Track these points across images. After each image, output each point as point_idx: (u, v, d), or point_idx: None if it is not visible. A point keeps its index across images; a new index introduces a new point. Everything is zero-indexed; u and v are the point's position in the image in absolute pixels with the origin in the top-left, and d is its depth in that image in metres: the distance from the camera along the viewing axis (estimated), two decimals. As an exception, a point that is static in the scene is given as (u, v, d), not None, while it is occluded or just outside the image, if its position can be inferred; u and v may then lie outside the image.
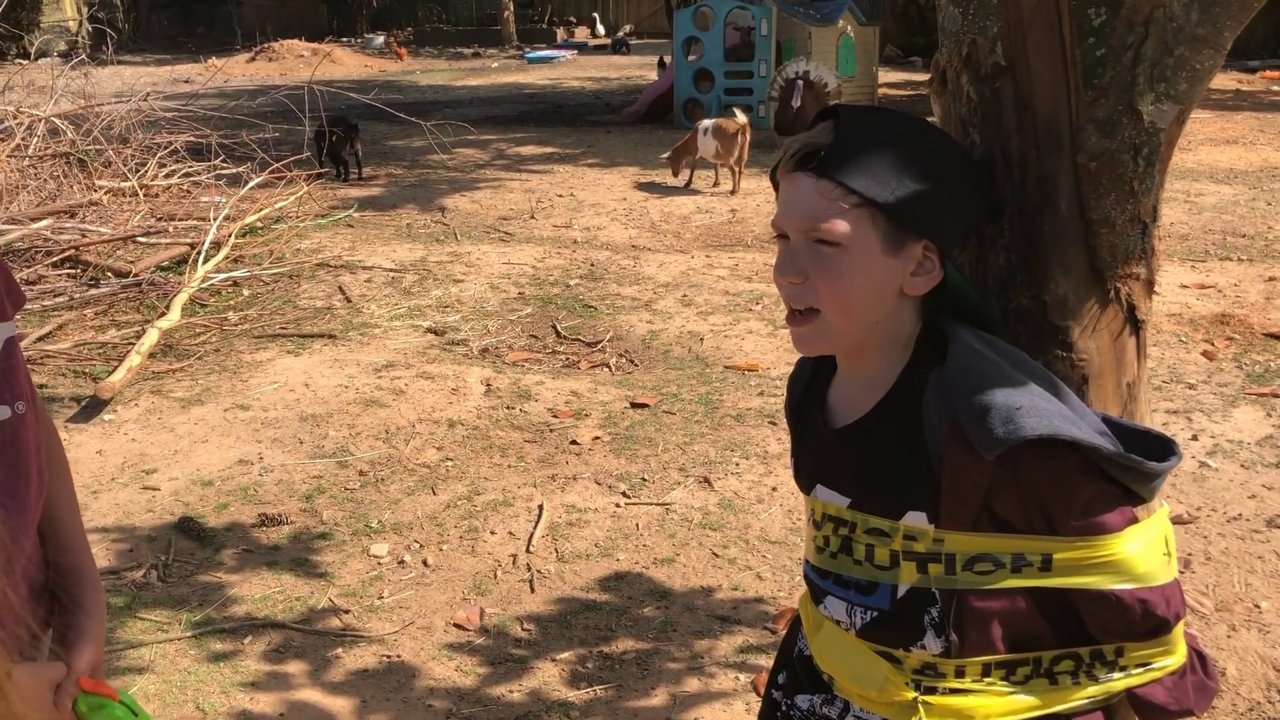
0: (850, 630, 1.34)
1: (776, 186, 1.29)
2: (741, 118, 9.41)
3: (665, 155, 9.97)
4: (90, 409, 4.65)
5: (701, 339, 5.68)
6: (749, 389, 4.98)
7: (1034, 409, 1.15)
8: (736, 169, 9.50)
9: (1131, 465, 1.19)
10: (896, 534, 1.26)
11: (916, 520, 1.25)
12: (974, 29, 1.29)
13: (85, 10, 24.61)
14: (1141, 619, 1.23)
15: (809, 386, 1.41)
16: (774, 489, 4.02)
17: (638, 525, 3.81)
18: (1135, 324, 1.31)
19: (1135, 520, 1.23)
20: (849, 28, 14.16)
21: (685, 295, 6.48)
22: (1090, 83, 1.24)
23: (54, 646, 1.24)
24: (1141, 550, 1.22)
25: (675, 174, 9.80)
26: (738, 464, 4.23)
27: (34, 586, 1.28)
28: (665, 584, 3.46)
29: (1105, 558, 1.20)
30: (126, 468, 4.18)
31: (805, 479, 1.41)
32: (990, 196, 1.31)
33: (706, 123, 9.52)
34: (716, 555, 3.62)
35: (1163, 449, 1.23)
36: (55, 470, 1.37)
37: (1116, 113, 1.23)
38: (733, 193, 9.52)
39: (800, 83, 11.36)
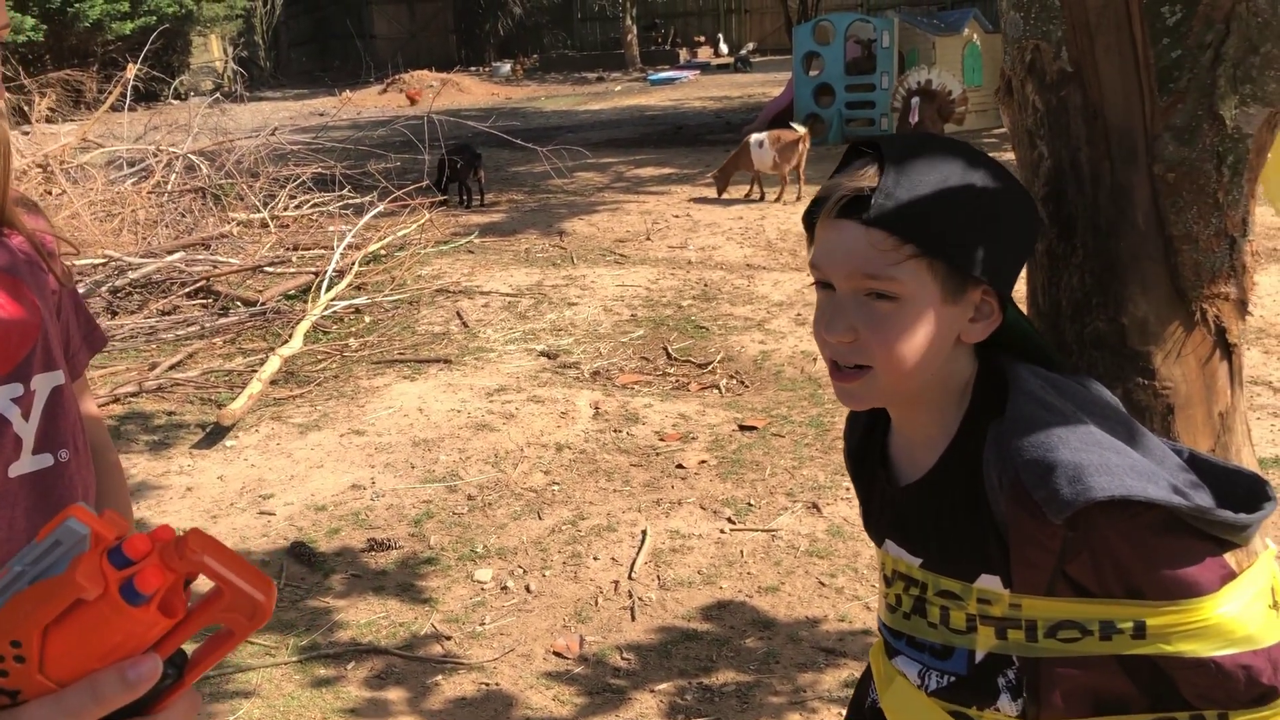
0: (923, 690, 1.25)
1: (810, 229, 1.20)
2: (800, 128, 9.68)
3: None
4: (213, 435, 4.82)
5: (815, 359, 5.56)
6: (862, 410, 4.84)
7: (1103, 466, 1.04)
8: (798, 179, 9.71)
9: (1218, 520, 1.07)
10: (970, 597, 1.17)
11: (990, 584, 1.15)
12: (1036, 34, 1.19)
13: (231, 50, 25.82)
14: (1245, 687, 1.10)
15: (867, 434, 1.32)
16: (884, 514, 3.89)
17: (742, 552, 3.73)
18: (1226, 347, 1.19)
19: (1232, 574, 1.10)
20: (975, 36, 13.81)
21: (799, 314, 6.37)
22: (1165, 87, 1.13)
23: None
24: (1242, 610, 1.09)
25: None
26: (848, 489, 4.11)
27: None
28: (769, 613, 3.37)
29: (1200, 624, 1.08)
30: (245, 493, 4.31)
31: (874, 531, 1.32)
32: (1041, 223, 1.20)
33: (758, 136, 9.67)
34: (823, 584, 3.52)
35: (1254, 491, 1.10)
36: (117, 510, 1.38)
37: (1196, 118, 1.12)
38: (797, 199, 9.74)
39: (916, 100, 11.12)
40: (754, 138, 9.65)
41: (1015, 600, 1.13)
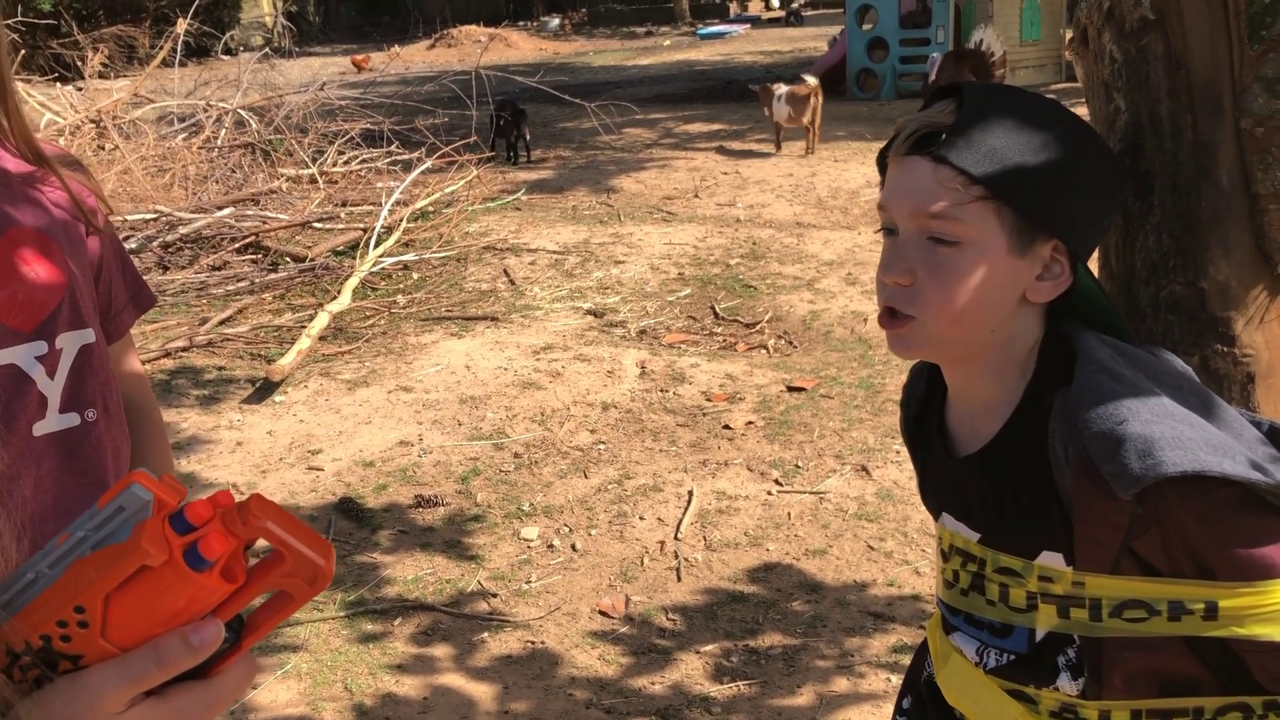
0: (980, 667, 1.21)
1: (883, 170, 1.15)
2: (812, 81, 9.80)
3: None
4: (263, 391, 4.85)
5: (865, 319, 5.48)
6: (913, 372, 4.77)
7: (1175, 439, 0.99)
8: (811, 130, 9.81)
9: None
10: (1030, 574, 1.12)
11: (1052, 560, 1.10)
12: (1117, -22, 1.12)
13: (280, 5, 25.86)
14: None
15: (925, 403, 1.27)
16: (935, 478, 3.83)
17: (789, 514, 3.69)
18: (1314, 314, 1.12)
19: None
20: (1034, -13, 13.46)
21: (850, 274, 6.27)
22: (1256, 35, 1.06)
23: None
24: None
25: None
26: (898, 452, 4.05)
27: None
28: (816, 577, 3.34)
29: (1277, 607, 1.03)
30: (294, 448, 4.34)
31: (931, 504, 1.27)
32: (1125, 186, 1.13)
33: (781, 89, 9.85)
34: (872, 548, 3.48)
35: None
36: (158, 469, 1.37)
37: (1289, 68, 1.05)
38: (811, 152, 9.80)
39: (935, 56, 10.88)
40: (778, 90, 9.86)
41: (1079, 578, 1.08)
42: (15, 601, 0.60)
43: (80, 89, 7.85)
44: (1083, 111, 1.31)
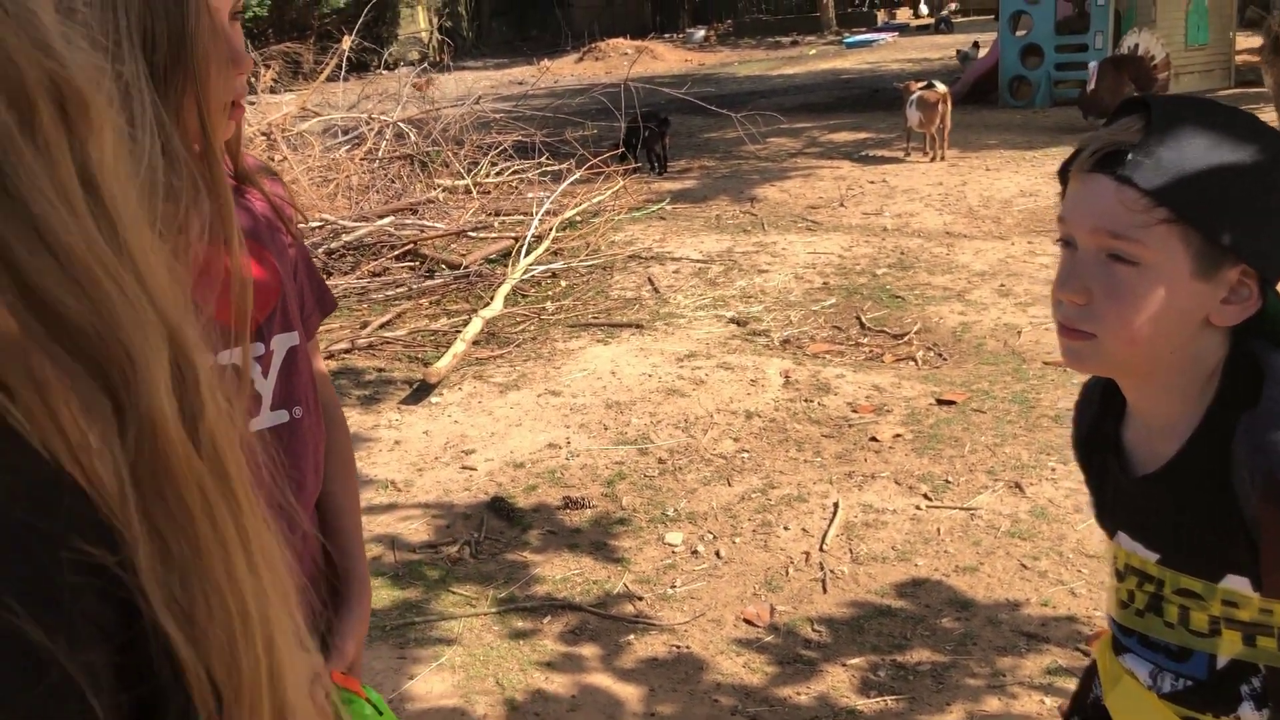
0: (1153, 691, 1.18)
1: (1064, 182, 1.13)
2: (941, 88, 9.84)
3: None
4: (420, 392, 5.03)
5: (1019, 332, 5.34)
6: (1070, 387, 4.62)
7: None
8: (939, 138, 9.90)
9: None
10: (1213, 598, 1.08)
11: (1238, 585, 1.06)
12: (1316, -18, 1.08)
13: (436, 21, 26.69)
14: None
15: (1099, 420, 1.25)
16: (1092, 497, 3.71)
17: (939, 530, 3.63)
18: None
19: None
20: (1201, -11, 12.88)
21: (1003, 285, 6.12)
22: None
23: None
24: None
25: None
26: (1053, 469, 3.94)
27: (308, 579, 1.36)
28: (967, 594, 3.28)
29: None
30: (448, 448, 4.48)
31: (1107, 521, 1.25)
32: None
33: (915, 94, 9.92)
34: (1025, 567, 3.39)
35: None
36: (340, 470, 1.45)
37: None
38: (940, 160, 9.85)
39: (1094, 64, 10.48)
40: (912, 95, 9.94)
41: (1266, 605, 1.05)
42: None
43: (253, 104, 8.28)
44: (1269, 117, 1.26)
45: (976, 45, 16.58)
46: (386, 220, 7.13)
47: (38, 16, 0.48)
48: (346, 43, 8.85)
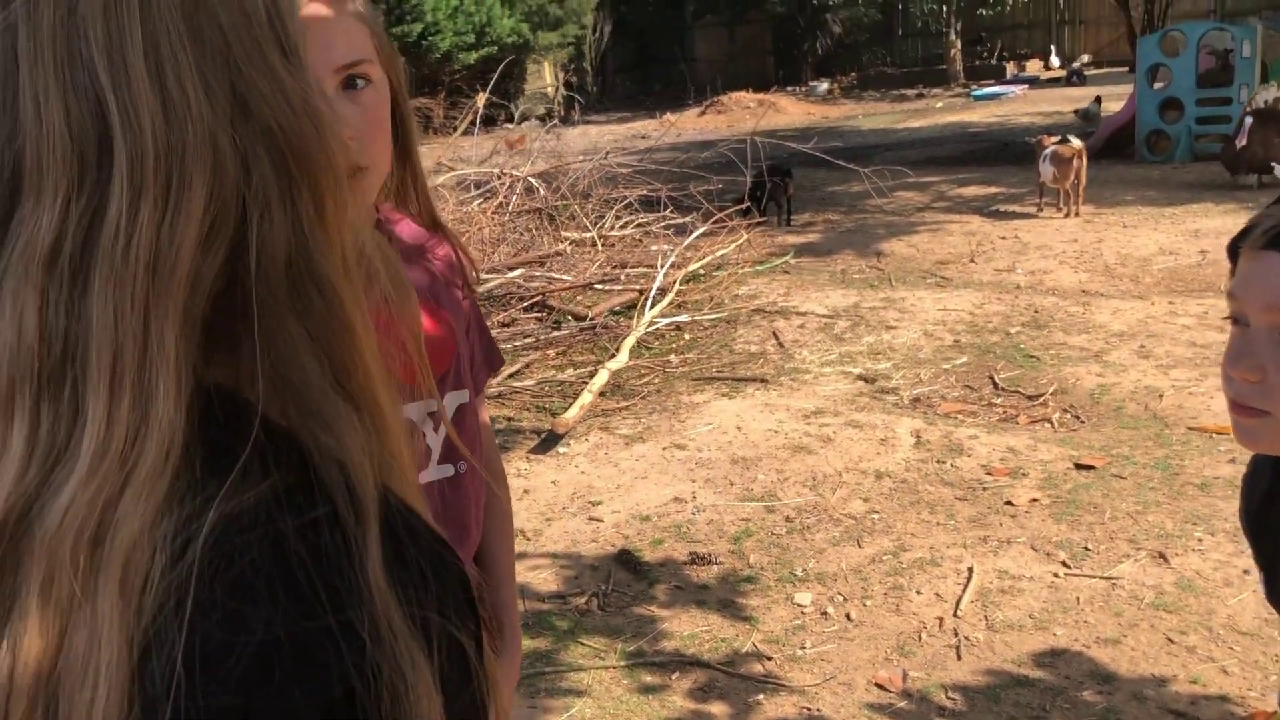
0: None
1: (1233, 259, 1.11)
2: (1076, 143, 9.64)
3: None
4: (548, 442, 5.10)
5: (1161, 395, 5.16)
6: (1217, 454, 4.44)
7: None
8: (1073, 194, 9.74)
9: None
10: None
11: None
12: None
13: (561, 76, 27.33)
14: None
15: (1270, 496, 1.21)
16: (1246, 571, 3.54)
17: (1078, 599, 3.51)
18: None
19: None
20: (1353, 41, 12.38)
21: (1142, 346, 5.93)
22: None
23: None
24: None
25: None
26: (1200, 540, 3.78)
27: None
28: (1109, 667, 3.16)
29: None
30: (575, 498, 4.53)
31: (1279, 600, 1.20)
32: None
33: (1048, 149, 9.72)
34: (1171, 641, 3.25)
35: None
36: (498, 524, 1.50)
37: None
38: (1074, 215, 9.66)
39: (1250, 120, 10.08)
40: (1045, 150, 9.78)
41: None
42: None
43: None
44: None
45: (1099, 100, 16.22)
46: (518, 273, 7.30)
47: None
48: (481, 99, 9.15)
